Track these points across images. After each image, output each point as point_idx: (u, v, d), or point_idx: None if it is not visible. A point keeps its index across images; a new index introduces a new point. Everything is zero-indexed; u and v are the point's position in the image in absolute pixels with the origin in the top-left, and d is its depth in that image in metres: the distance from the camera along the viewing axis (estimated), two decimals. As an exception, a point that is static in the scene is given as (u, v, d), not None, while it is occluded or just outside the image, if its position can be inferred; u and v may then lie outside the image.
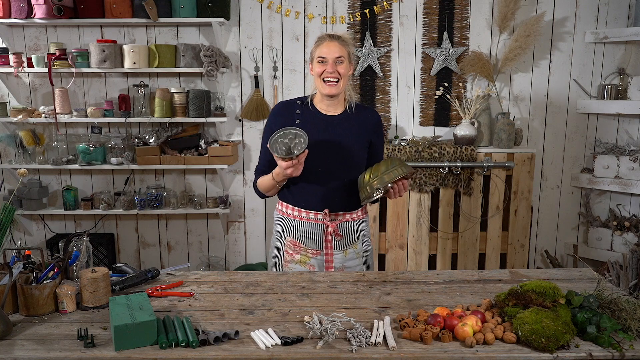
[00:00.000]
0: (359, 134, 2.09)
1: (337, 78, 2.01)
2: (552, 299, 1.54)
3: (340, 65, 2.02)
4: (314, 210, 2.09)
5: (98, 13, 3.51)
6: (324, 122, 2.08)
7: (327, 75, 2.01)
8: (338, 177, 2.06)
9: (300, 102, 2.13)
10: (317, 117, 2.09)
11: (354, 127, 2.10)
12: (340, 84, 2.02)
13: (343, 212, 2.11)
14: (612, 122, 3.78)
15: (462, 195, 3.54)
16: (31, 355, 1.43)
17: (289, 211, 2.14)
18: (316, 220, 2.09)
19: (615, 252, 3.62)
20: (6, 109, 3.67)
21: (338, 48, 2.01)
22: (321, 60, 2.02)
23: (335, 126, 2.08)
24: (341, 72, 2.02)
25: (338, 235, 2.10)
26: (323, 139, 2.05)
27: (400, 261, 3.65)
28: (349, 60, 2.05)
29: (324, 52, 2.01)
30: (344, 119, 2.10)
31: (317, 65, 2.04)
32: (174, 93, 3.63)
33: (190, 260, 4.02)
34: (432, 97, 3.78)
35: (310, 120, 2.08)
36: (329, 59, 2.00)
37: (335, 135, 2.06)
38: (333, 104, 2.09)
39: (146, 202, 3.71)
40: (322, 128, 2.07)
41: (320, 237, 2.10)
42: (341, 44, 2.03)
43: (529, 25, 3.49)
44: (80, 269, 1.84)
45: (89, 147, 3.62)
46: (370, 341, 1.47)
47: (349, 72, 2.06)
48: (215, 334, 1.48)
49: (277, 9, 3.70)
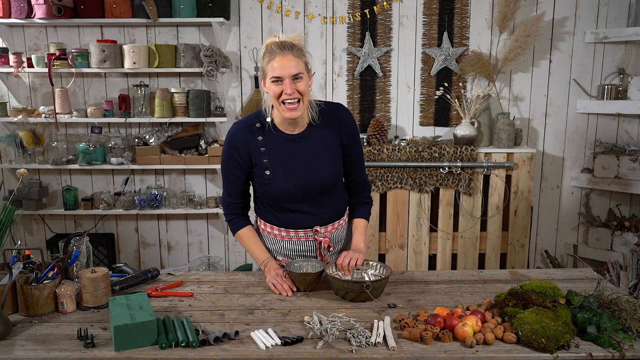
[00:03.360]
0: (330, 145, 1.91)
1: (298, 98, 1.76)
2: (552, 299, 1.54)
3: (299, 83, 1.75)
4: (303, 229, 1.98)
5: (98, 13, 3.51)
6: (291, 143, 1.89)
7: (286, 97, 1.75)
8: (320, 195, 1.94)
9: (259, 124, 1.89)
10: (282, 139, 1.88)
11: (323, 138, 1.91)
12: (301, 104, 1.78)
13: (332, 222, 2.01)
14: (612, 122, 3.77)
15: (462, 195, 3.54)
16: (31, 355, 1.43)
17: (275, 231, 2.01)
18: (307, 237, 1.99)
19: (615, 252, 3.62)
20: (6, 109, 3.67)
21: (294, 62, 1.74)
22: (276, 80, 1.75)
23: (304, 145, 1.89)
24: (301, 89, 1.76)
25: (332, 247, 2.01)
26: (295, 163, 1.88)
27: (400, 261, 3.64)
28: (307, 73, 1.80)
29: (277, 70, 1.73)
30: (310, 134, 1.90)
31: (271, 85, 1.77)
32: (174, 93, 3.63)
33: (190, 260, 4.02)
34: (432, 97, 3.77)
35: (276, 146, 1.88)
36: (285, 78, 1.74)
37: (306, 155, 1.89)
38: (296, 122, 1.87)
39: (146, 202, 3.71)
40: (290, 151, 1.88)
41: (314, 253, 2.02)
42: (296, 55, 1.75)
43: (529, 25, 3.49)
44: (80, 269, 1.84)
45: (89, 147, 3.62)
46: (370, 341, 1.47)
47: (309, 84, 1.81)
48: (215, 334, 1.48)
49: (277, 9, 3.70)
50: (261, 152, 1.87)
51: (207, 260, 4.03)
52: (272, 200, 1.95)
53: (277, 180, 1.88)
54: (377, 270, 1.88)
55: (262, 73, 1.82)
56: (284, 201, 1.93)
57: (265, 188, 1.91)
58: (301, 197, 1.92)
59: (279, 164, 1.88)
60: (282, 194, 1.90)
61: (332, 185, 1.95)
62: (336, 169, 1.95)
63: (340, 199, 2.04)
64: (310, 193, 1.92)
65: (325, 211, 1.98)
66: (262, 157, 1.88)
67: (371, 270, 1.89)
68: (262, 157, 1.88)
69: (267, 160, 1.88)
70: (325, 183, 1.92)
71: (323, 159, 1.91)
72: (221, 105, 3.69)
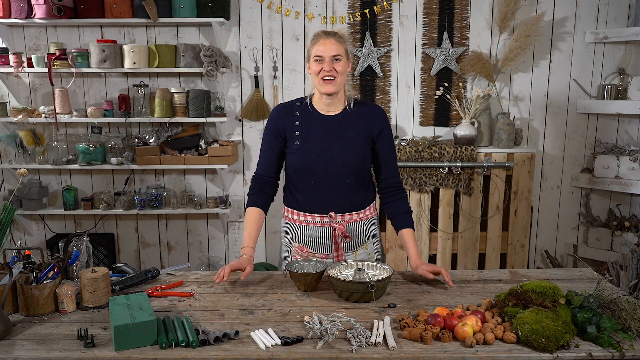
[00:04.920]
0: (360, 132, 2.05)
1: (334, 76, 1.99)
2: (552, 299, 1.54)
3: (338, 63, 1.98)
4: (319, 214, 2.06)
5: (98, 13, 3.51)
6: (324, 122, 2.06)
7: (324, 73, 1.98)
8: (340, 178, 2.03)
9: (299, 103, 2.10)
10: (317, 117, 2.07)
11: (354, 125, 2.06)
12: (337, 81, 1.99)
13: (350, 212, 2.07)
14: (612, 122, 3.77)
15: (462, 195, 3.54)
16: (31, 355, 1.43)
17: (294, 217, 2.11)
18: (323, 223, 2.06)
19: (615, 252, 3.62)
20: (6, 109, 3.67)
21: (335, 46, 1.98)
22: (318, 59, 1.99)
23: (335, 126, 2.05)
24: (338, 69, 1.98)
25: (347, 237, 2.07)
26: (323, 139, 2.03)
27: (400, 261, 3.65)
28: (346, 57, 2.02)
29: (320, 50, 1.98)
30: (343, 117, 2.06)
31: (314, 64, 2.00)
32: (174, 93, 3.63)
33: (190, 260, 4.02)
34: (432, 97, 3.78)
35: (309, 121, 2.06)
36: (326, 57, 1.97)
37: (335, 135, 2.04)
38: (332, 103, 2.06)
39: (146, 202, 3.71)
40: (322, 129, 2.05)
41: (328, 240, 2.07)
42: (337, 41, 1.99)
43: (529, 25, 3.49)
44: (80, 269, 1.84)
45: (89, 147, 3.62)
46: (370, 341, 1.47)
47: (346, 69, 2.02)
48: (215, 334, 1.48)
49: (277, 9, 3.70)
50: (295, 126, 2.06)
51: (207, 260, 4.03)
52: (295, 172, 2.06)
53: (303, 150, 2.03)
54: (378, 271, 1.88)
55: (307, 55, 2.06)
56: (306, 172, 2.03)
57: (291, 158, 2.06)
58: (323, 172, 2.02)
59: (309, 138, 2.04)
60: (305, 164, 2.03)
61: (355, 169, 2.05)
62: (361, 154, 2.05)
63: (362, 191, 2.10)
64: (332, 171, 2.02)
65: (342, 196, 2.05)
66: (295, 130, 2.06)
67: (372, 271, 1.89)
68: (295, 130, 2.06)
69: (298, 133, 2.05)
70: (347, 163, 2.02)
71: (350, 141, 2.04)
72: (221, 105, 3.69)
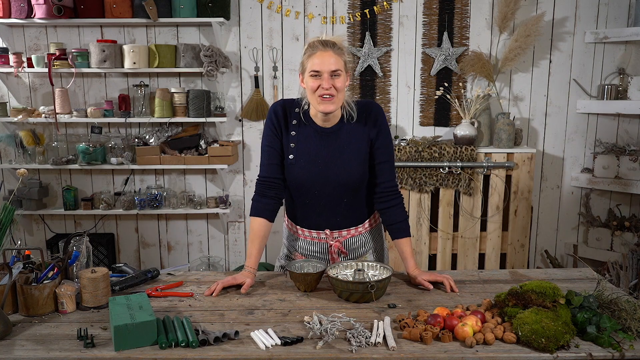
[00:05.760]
0: (357, 140, 1.91)
1: (333, 94, 1.80)
2: (552, 299, 1.54)
3: (337, 79, 1.79)
4: (315, 230, 2.00)
5: (98, 13, 3.51)
6: (321, 136, 1.91)
7: (322, 91, 1.79)
8: (336, 198, 1.94)
9: (299, 109, 1.94)
10: (313, 130, 1.92)
11: (351, 134, 1.92)
12: (337, 99, 1.81)
13: (347, 228, 2.00)
14: (612, 122, 3.77)
15: (462, 195, 3.54)
16: (31, 355, 1.43)
17: (293, 228, 2.06)
18: (319, 239, 2.01)
19: (615, 252, 3.62)
20: (6, 109, 3.67)
21: (333, 59, 1.78)
22: (314, 75, 1.79)
23: (332, 140, 1.91)
24: (338, 86, 1.79)
25: (343, 253, 2.01)
26: (319, 157, 1.90)
27: (401, 261, 3.63)
28: (345, 71, 1.83)
29: (317, 64, 1.78)
30: (340, 129, 1.91)
31: (310, 79, 1.80)
32: (174, 93, 3.63)
33: (190, 260, 4.02)
34: (432, 97, 3.77)
35: (305, 133, 1.92)
36: (324, 73, 1.78)
37: (332, 151, 1.90)
38: (329, 117, 1.90)
39: (146, 202, 3.71)
40: (318, 144, 1.91)
41: (325, 255, 2.03)
42: (336, 53, 1.80)
43: (529, 25, 3.49)
44: (80, 269, 1.84)
45: (89, 147, 3.62)
46: (370, 341, 1.47)
47: (346, 84, 1.84)
48: (215, 334, 1.48)
49: (277, 9, 3.70)
50: (291, 136, 1.92)
51: (207, 260, 4.03)
52: (291, 187, 1.97)
53: (297, 167, 1.91)
54: (378, 271, 1.88)
55: (301, 67, 1.86)
56: (300, 190, 1.94)
57: (286, 171, 1.94)
58: (318, 193, 1.93)
59: (303, 154, 1.90)
60: (299, 182, 1.93)
61: (351, 189, 1.94)
62: (360, 171, 1.93)
63: (359, 208, 2.01)
64: (327, 191, 1.93)
65: (340, 216, 1.97)
66: (290, 141, 1.92)
67: (371, 271, 1.89)
68: (290, 140, 1.92)
69: (293, 145, 1.92)
70: (344, 185, 1.92)
71: (348, 157, 1.91)
72: (221, 105, 3.69)
